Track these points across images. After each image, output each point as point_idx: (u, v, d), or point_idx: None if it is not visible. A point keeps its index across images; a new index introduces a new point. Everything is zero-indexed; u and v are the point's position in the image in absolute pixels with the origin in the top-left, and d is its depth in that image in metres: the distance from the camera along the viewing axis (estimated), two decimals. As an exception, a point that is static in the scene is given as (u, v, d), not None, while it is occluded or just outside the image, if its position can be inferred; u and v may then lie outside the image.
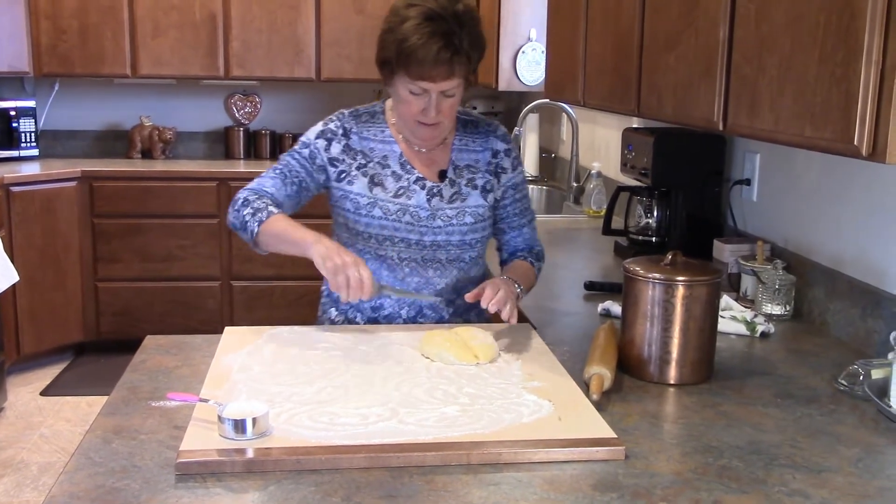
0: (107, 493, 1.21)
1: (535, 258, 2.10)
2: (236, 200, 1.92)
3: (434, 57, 1.77)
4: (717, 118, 1.84)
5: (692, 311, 1.63)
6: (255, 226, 1.85)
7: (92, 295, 4.74)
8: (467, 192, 1.99)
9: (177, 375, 1.66)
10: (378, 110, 2.01)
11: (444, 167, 1.99)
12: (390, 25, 1.83)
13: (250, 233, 1.86)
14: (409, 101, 1.86)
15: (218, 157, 5.35)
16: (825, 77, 1.44)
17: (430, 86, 1.81)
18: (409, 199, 1.94)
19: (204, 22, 4.91)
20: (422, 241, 1.95)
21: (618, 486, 1.26)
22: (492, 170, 2.02)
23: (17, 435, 3.80)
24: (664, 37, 2.13)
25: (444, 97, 1.85)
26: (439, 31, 1.77)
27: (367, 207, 1.94)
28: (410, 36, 1.77)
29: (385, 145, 1.97)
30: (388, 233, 1.93)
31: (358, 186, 1.94)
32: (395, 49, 1.80)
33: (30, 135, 4.92)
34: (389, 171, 1.95)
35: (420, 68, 1.78)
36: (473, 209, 1.99)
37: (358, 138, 1.97)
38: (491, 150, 2.03)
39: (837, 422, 1.51)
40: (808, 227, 2.21)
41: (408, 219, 1.93)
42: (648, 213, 2.70)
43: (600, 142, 3.94)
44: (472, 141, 2.02)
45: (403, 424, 1.40)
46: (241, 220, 1.88)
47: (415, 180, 1.95)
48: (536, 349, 1.80)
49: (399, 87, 1.86)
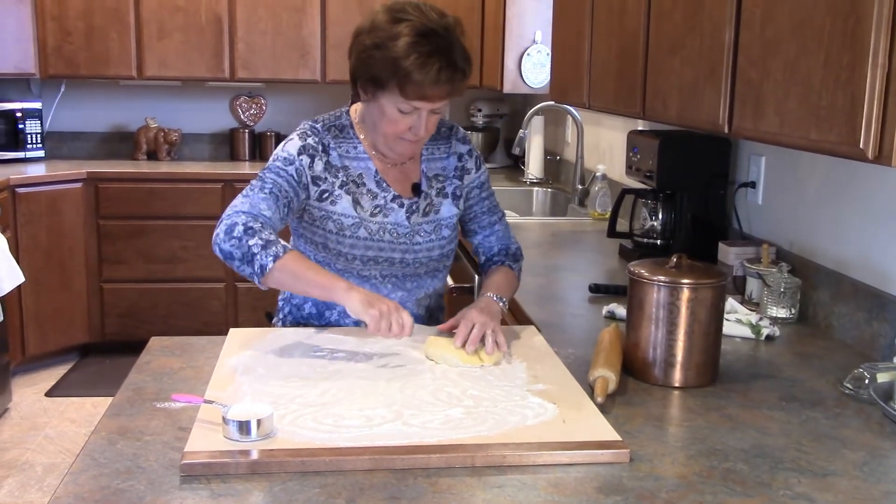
0: (111, 495, 1.21)
1: (512, 260, 2.06)
2: (233, 227, 1.71)
3: (435, 77, 1.71)
4: (722, 121, 1.84)
5: (697, 313, 1.63)
6: (270, 261, 1.67)
7: (97, 296, 4.75)
8: (439, 202, 1.96)
9: (181, 377, 1.66)
10: (346, 123, 1.92)
11: (416, 180, 1.95)
12: (376, 41, 1.74)
13: (260, 267, 1.68)
14: (395, 120, 1.79)
15: (223, 159, 5.36)
16: (831, 80, 1.43)
17: (425, 105, 1.77)
18: (386, 217, 1.89)
19: (209, 24, 4.92)
20: (405, 258, 1.92)
21: (622, 489, 1.25)
22: (458, 174, 2.00)
23: (22, 435, 3.81)
24: (669, 40, 2.13)
25: (432, 114, 1.80)
26: (438, 50, 1.71)
27: (352, 228, 1.87)
28: (407, 55, 1.70)
29: (359, 162, 1.90)
30: (372, 253, 1.88)
31: (342, 206, 1.87)
32: (388, 68, 1.72)
33: (36, 136, 4.93)
34: (365, 188, 1.89)
35: (419, 88, 1.72)
36: (448, 219, 1.97)
37: (336, 154, 1.88)
38: (456, 155, 2.00)
39: (843, 425, 1.51)
40: (813, 230, 2.21)
41: (388, 237, 1.89)
42: (653, 216, 2.69)
43: (605, 144, 3.94)
44: (437, 148, 1.99)
45: (408, 426, 1.40)
46: (245, 251, 1.69)
47: (392, 198, 1.90)
48: (541, 351, 1.80)
49: (385, 105, 1.78)
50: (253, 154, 5.35)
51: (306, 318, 2.00)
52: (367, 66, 1.77)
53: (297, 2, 4.96)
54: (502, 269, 2.03)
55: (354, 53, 1.81)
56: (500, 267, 2.04)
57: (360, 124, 1.92)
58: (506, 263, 2.05)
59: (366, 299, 1.66)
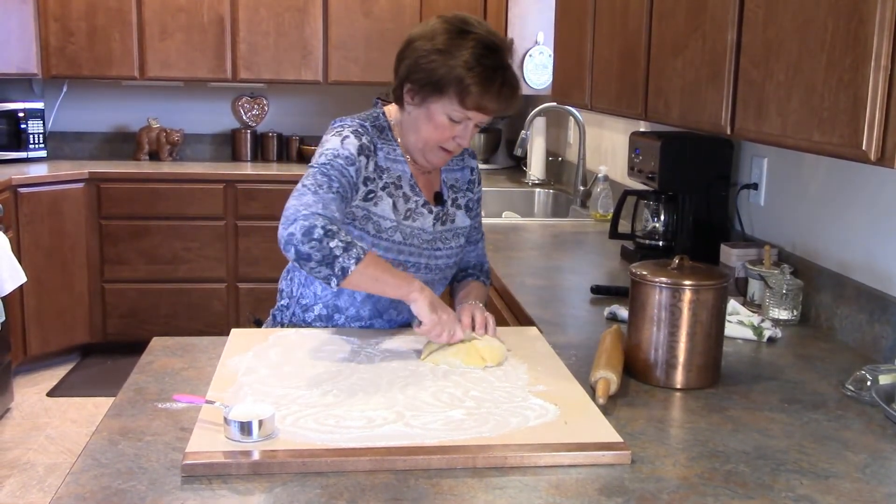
0: (113, 495, 1.21)
1: (486, 277, 2.12)
2: (312, 228, 1.63)
3: (497, 91, 1.76)
4: (724, 122, 1.84)
5: (699, 315, 1.63)
6: (352, 264, 1.64)
7: (99, 296, 4.75)
8: (453, 212, 1.99)
9: (183, 377, 1.66)
10: (384, 125, 1.92)
11: (437, 189, 1.99)
12: (439, 48, 1.75)
13: (341, 269, 1.64)
14: (443, 127, 1.81)
15: (225, 160, 5.37)
16: (833, 82, 1.43)
17: (478, 116, 1.80)
18: (415, 222, 1.90)
19: (211, 24, 4.92)
20: (429, 264, 1.94)
21: (624, 490, 1.25)
22: (469, 187, 2.05)
23: (24, 435, 3.81)
24: (671, 41, 2.13)
25: (475, 126, 1.84)
26: (501, 66, 1.76)
27: (389, 231, 1.87)
28: (473, 65, 1.73)
29: (398, 165, 1.91)
30: (403, 258, 1.89)
31: (382, 208, 1.86)
32: (452, 75, 1.74)
33: (38, 136, 4.94)
34: (401, 192, 1.90)
35: (479, 99, 1.75)
36: (462, 229, 2.01)
37: (382, 155, 1.89)
38: (468, 168, 2.06)
39: (845, 427, 1.51)
40: (815, 231, 2.20)
41: (416, 242, 1.91)
42: (655, 217, 2.69)
43: (607, 145, 3.94)
44: (454, 160, 2.03)
45: (409, 427, 1.40)
46: (326, 253, 1.63)
47: (422, 203, 1.92)
48: (542, 353, 1.80)
49: (436, 111, 1.80)
50: (255, 155, 5.36)
51: (311, 322, 1.98)
52: (426, 70, 1.77)
53: (299, 2, 4.96)
54: (477, 282, 2.08)
55: (410, 58, 1.80)
56: (475, 281, 2.08)
57: (396, 127, 1.93)
58: (480, 278, 2.09)
59: (433, 303, 1.71)
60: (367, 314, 1.94)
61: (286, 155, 5.37)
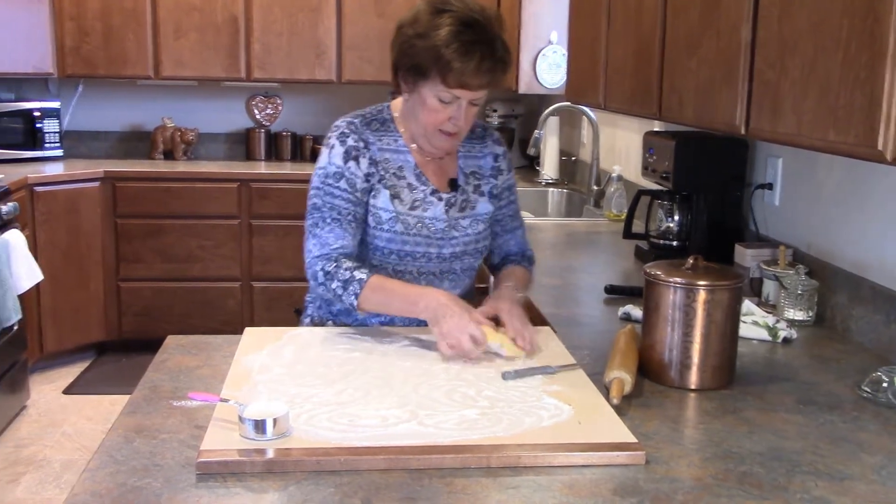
0: (128, 492, 1.21)
1: (528, 262, 2.09)
2: (315, 275, 1.85)
3: (476, 66, 1.74)
4: (739, 122, 1.83)
5: (713, 315, 1.63)
6: (353, 299, 1.79)
7: (114, 294, 4.77)
8: (475, 199, 1.98)
9: (198, 375, 1.67)
10: (387, 117, 1.95)
11: (453, 175, 1.97)
12: (419, 31, 1.77)
13: (350, 304, 1.80)
14: (435, 109, 1.82)
15: (239, 159, 5.38)
16: (849, 81, 1.43)
17: (465, 94, 1.79)
18: (424, 212, 1.90)
19: (225, 24, 4.94)
20: (441, 253, 1.94)
21: (638, 490, 1.25)
22: (493, 174, 2.02)
23: (40, 432, 3.84)
24: (685, 40, 2.12)
25: (471, 105, 1.83)
26: (481, 39, 1.75)
27: (390, 222, 1.88)
28: (450, 42, 1.73)
29: (399, 155, 1.92)
30: (409, 248, 1.90)
31: (381, 200, 1.88)
32: (431, 55, 1.75)
33: (54, 135, 4.96)
34: (405, 182, 1.91)
35: (460, 76, 1.75)
36: (483, 215, 1.99)
37: (377, 148, 1.90)
38: (492, 155, 2.03)
39: (860, 429, 1.50)
40: (831, 231, 2.19)
41: (426, 232, 1.91)
42: (669, 217, 2.68)
43: (621, 145, 3.93)
44: (473, 147, 2.01)
45: (423, 427, 1.40)
46: (333, 293, 1.82)
47: (431, 192, 1.92)
48: (556, 353, 1.80)
49: (426, 95, 1.81)
50: (269, 154, 5.37)
51: (335, 316, 2.02)
52: (409, 55, 1.80)
53: (313, 2, 4.97)
54: (520, 268, 2.06)
55: (397, 45, 1.84)
56: (518, 266, 2.06)
57: (400, 118, 1.95)
58: (522, 264, 2.07)
59: (441, 332, 1.70)
60: None
61: (300, 154, 5.38)
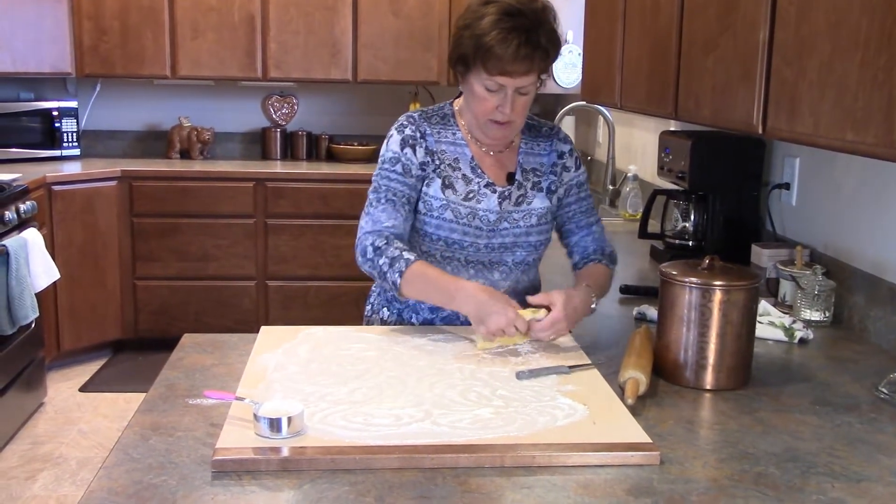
0: (144, 489, 1.22)
1: (608, 260, 2.06)
2: (364, 250, 1.88)
3: (514, 52, 1.78)
4: (756, 122, 1.82)
5: (729, 316, 1.62)
6: (397, 277, 1.82)
7: (130, 293, 4.80)
8: (533, 194, 1.99)
9: (213, 373, 1.68)
10: (448, 112, 2.00)
11: (512, 170, 1.99)
12: (467, 22, 1.83)
13: (392, 283, 1.83)
14: (483, 98, 1.85)
15: (255, 158, 5.40)
16: (867, 81, 1.42)
17: (508, 81, 1.82)
18: (478, 203, 1.93)
19: (242, 23, 4.95)
20: (490, 244, 1.95)
21: (652, 491, 1.25)
22: (556, 171, 2.03)
23: (57, 430, 3.87)
24: (702, 39, 2.11)
25: (519, 95, 1.85)
26: (519, 27, 1.78)
27: (439, 210, 1.92)
28: (490, 31, 1.78)
29: (456, 147, 1.96)
30: (457, 236, 1.93)
31: (433, 189, 1.93)
32: (473, 44, 1.80)
33: (72, 135, 4.99)
34: (460, 173, 1.94)
35: (499, 63, 1.79)
36: (538, 210, 1.99)
37: (433, 140, 1.95)
38: (556, 153, 2.04)
39: (878, 430, 1.49)
40: (848, 232, 2.18)
41: (476, 223, 1.93)
42: (685, 217, 2.68)
43: (637, 145, 3.92)
44: (537, 144, 2.03)
45: (437, 426, 1.40)
46: (378, 270, 1.85)
47: (485, 184, 1.94)
48: (571, 352, 1.79)
49: (474, 84, 1.86)
50: (284, 153, 5.38)
51: (390, 301, 2.05)
52: (457, 46, 1.86)
53: (329, 1, 4.98)
54: (600, 266, 2.03)
55: (452, 41, 1.90)
56: (598, 264, 2.04)
57: (460, 113, 1.99)
58: (603, 262, 2.04)
59: (476, 311, 1.74)
60: None
61: (315, 153, 5.39)
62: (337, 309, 4.78)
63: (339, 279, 4.74)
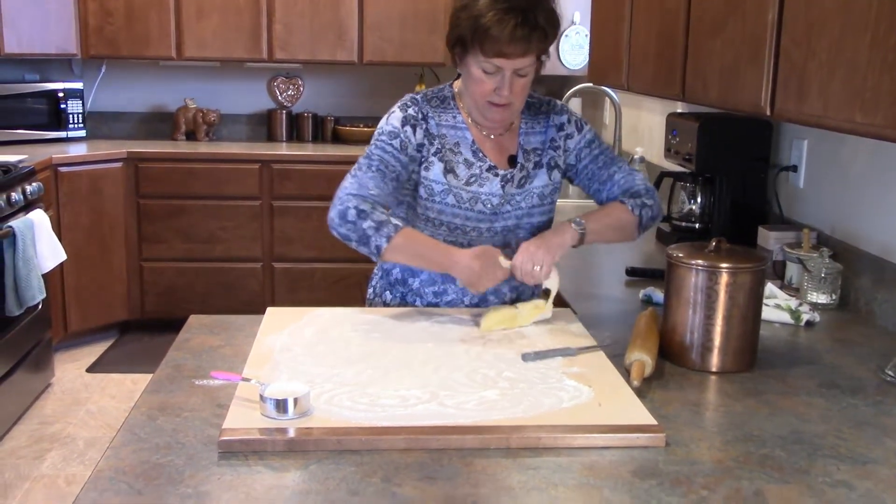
0: (151, 469, 1.23)
1: (628, 196, 1.98)
2: (345, 211, 1.81)
3: (510, 33, 1.75)
4: (764, 103, 1.81)
5: (736, 298, 1.62)
6: (384, 241, 1.79)
7: (137, 274, 4.81)
8: (535, 173, 1.98)
9: (220, 355, 1.69)
10: (448, 95, 1.98)
11: (513, 152, 1.98)
12: (464, 3, 1.82)
13: (375, 248, 1.80)
14: (481, 80, 1.84)
15: (261, 140, 5.39)
16: (877, 62, 1.40)
17: (505, 63, 1.80)
18: (481, 188, 1.92)
19: (247, 5, 4.93)
20: (493, 227, 1.94)
21: (658, 472, 1.25)
22: (558, 144, 2.01)
23: (65, 410, 3.89)
24: (710, 20, 2.10)
25: (517, 76, 1.83)
26: (516, 7, 1.76)
27: (441, 195, 1.91)
28: (486, 12, 1.76)
29: (457, 131, 1.94)
30: (459, 221, 1.92)
31: (434, 173, 1.91)
32: (469, 25, 1.79)
33: (77, 116, 4.99)
34: (461, 157, 1.93)
35: (496, 45, 1.77)
36: (540, 188, 1.98)
37: (434, 123, 1.93)
38: (555, 126, 2.01)
39: (884, 413, 1.49)
40: (855, 214, 2.17)
41: (479, 207, 1.92)
42: (692, 200, 2.67)
43: (644, 127, 3.90)
44: (537, 122, 2.01)
45: (443, 407, 1.40)
46: (360, 234, 1.80)
47: (487, 168, 1.93)
48: (577, 334, 1.79)
49: (472, 66, 1.84)
50: (290, 135, 5.37)
51: (392, 284, 2.05)
52: (454, 27, 1.85)
53: (335, -18, 4.95)
54: (613, 204, 1.99)
55: (449, 23, 1.89)
56: (613, 203, 1.99)
57: (460, 95, 1.98)
58: (619, 199, 1.99)
59: (469, 280, 1.80)
60: (441, 278, 1.98)
61: (321, 135, 5.38)
62: (343, 291, 4.78)
63: (345, 261, 4.73)
